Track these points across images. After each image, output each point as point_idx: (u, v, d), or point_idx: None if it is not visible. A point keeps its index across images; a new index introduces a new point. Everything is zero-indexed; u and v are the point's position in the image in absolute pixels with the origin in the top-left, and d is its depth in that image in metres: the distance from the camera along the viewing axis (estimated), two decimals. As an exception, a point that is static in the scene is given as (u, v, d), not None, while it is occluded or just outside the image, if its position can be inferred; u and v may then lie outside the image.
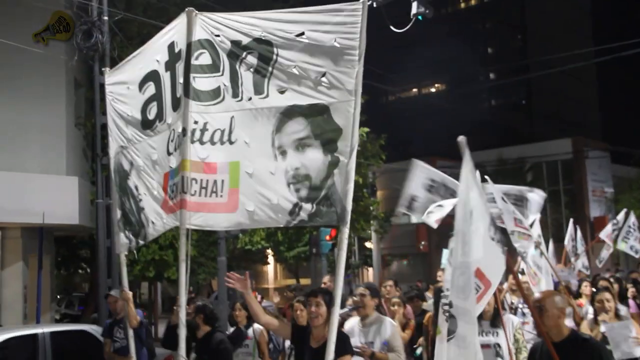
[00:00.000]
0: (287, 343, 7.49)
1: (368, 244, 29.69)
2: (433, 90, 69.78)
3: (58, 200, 13.49)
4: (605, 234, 14.56)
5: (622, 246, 15.02)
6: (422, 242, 35.91)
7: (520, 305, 8.83)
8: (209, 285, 25.47)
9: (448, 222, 10.13)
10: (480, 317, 6.36)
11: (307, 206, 4.21)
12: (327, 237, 18.02)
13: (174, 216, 4.80)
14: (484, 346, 6.22)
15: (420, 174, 8.95)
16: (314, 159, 4.15)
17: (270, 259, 32.90)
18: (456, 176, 9.80)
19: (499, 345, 6.28)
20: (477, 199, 4.08)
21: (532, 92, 63.18)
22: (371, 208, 20.38)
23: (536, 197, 9.95)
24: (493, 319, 6.32)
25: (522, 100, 65.64)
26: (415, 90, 69.81)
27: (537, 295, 4.89)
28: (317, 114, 4.14)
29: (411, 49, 57.50)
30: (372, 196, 22.25)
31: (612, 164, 42.11)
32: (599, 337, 6.27)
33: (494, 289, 4.08)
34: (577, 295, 10.00)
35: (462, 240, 3.95)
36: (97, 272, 12.60)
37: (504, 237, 4.04)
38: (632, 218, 15.18)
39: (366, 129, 18.04)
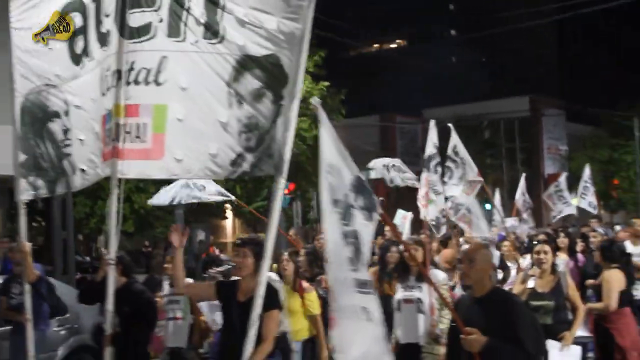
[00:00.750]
0: None
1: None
2: (394, 46, 69.59)
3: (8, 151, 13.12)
4: (546, 195, 14.83)
5: (581, 203, 15.33)
6: (381, 198, 36.15)
7: None
8: (165, 239, 25.33)
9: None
10: (407, 272, 6.56)
11: (250, 156, 4.07)
12: (285, 191, 18.03)
13: (108, 164, 4.46)
14: (407, 301, 6.44)
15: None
16: (265, 107, 4.02)
17: (229, 213, 32.88)
18: (415, 132, 9.90)
19: (421, 300, 6.37)
20: (338, 165, 3.89)
21: (492, 49, 63.47)
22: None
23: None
24: (418, 274, 6.38)
25: (482, 58, 65.95)
26: (376, 45, 69.52)
27: (467, 246, 4.85)
28: (269, 63, 3.99)
29: (373, 3, 57.08)
30: (331, 151, 22.28)
31: (567, 122, 42.86)
32: (525, 293, 6.38)
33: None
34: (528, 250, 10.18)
35: (343, 207, 3.82)
36: (51, 224, 12.42)
37: (369, 202, 3.82)
38: (587, 172, 15.46)
39: (326, 84, 17.95)
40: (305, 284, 6.73)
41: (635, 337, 6.97)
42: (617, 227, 11.60)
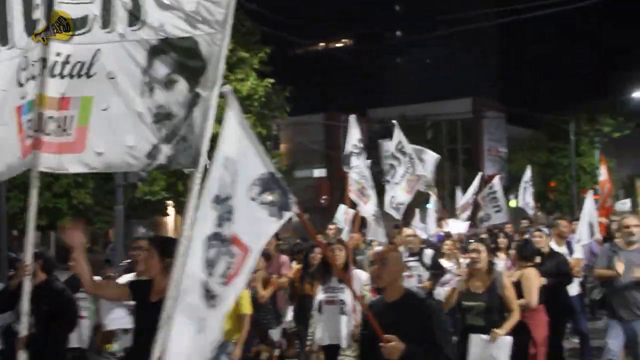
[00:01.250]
0: None
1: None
2: (340, 45, 69.86)
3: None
4: (480, 195, 15.02)
5: (520, 203, 15.72)
6: (324, 197, 36.31)
7: (405, 258, 8.84)
8: (105, 235, 24.85)
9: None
10: (329, 273, 6.50)
11: (166, 148, 3.86)
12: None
13: (30, 157, 4.24)
14: (329, 302, 6.40)
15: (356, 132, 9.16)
16: (179, 95, 3.81)
17: (171, 210, 32.44)
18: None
19: (343, 301, 6.32)
20: (244, 155, 3.60)
21: (435, 51, 64.35)
22: (274, 160, 20.33)
23: (430, 158, 10.45)
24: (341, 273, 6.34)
25: (426, 60, 66.81)
26: (322, 44, 69.66)
27: (379, 248, 4.91)
28: (185, 47, 3.82)
29: (320, 2, 57.19)
30: (275, 149, 22.21)
31: (507, 124, 43.79)
32: (454, 294, 6.44)
33: (255, 255, 3.59)
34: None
35: (224, 208, 3.48)
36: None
37: (282, 199, 3.62)
38: (528, 174, 15.89)
39: (271, 81, 17.86)
40: None
41: (546, 333, 7.27)
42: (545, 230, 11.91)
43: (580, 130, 36.36)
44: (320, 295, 6.56)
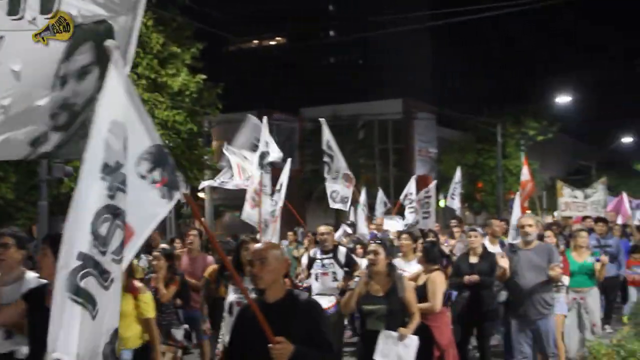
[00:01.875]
0: None
1: (201, 194, 29.36)
2: (273, 43, 69.67)
3: None
4: (417, 198, 15.19)
5: (449, 203, 16.07)
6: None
7: (319, 256, 8.83)
8: (28, 231, 23.97)
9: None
10: (241, 273, 6.12)
11: (56, 136, 3.54)
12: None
13: None
14: (240, 303, 5.91)
15: (251, 132, 9.09)
16: (88, 84, 3.52)
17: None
18: (292, 130, 9.99)
19: None
20: (131, 121, 3.13)
21: (368, 52, 64.95)
22: (205, 157, 20.08)
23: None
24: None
25: (359, 60, 67.35)
26: (256, 41, 69.30)
27: (258, 245, 4.34)
28: (101, 32, 3.52)
29: (254, 1, 56.89)
30: (206, 146, 21.93)
31: (437, 126, 44.57)
32: (353, 296, 6.23)
33: (139, 240, 3.19)
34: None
35: (114, 177, 3.04)
36: None
37: (171, 178, 3.20)
38: (458, 175, 16.24)
39: (203, 77, 17.61)
40: (138, 284, 6.12)
41: (451, 336, 7.38)
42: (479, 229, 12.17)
43: (506, 133, 37.35)
44: (231, 296, 6.32)
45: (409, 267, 8.10)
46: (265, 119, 9.41)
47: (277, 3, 55.77)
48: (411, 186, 14.84)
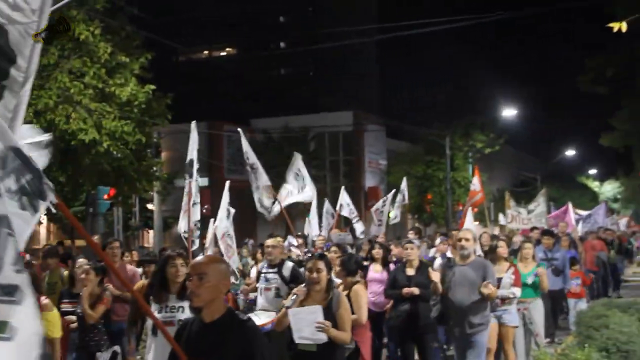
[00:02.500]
0: None
1: (150, 206, 28.98)
2: (224, 54, 69.43)
3: None
4: (374, 209, 15.39)
5: (396, 213, 16.27)
6: (205, 206, 35.79)
7: (265, 270, 8.53)
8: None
9: (237, 187, 10.22)
10: (165, 290, 5.61)
11: None
12: (105, 196, 17.21)
13: None
14: (166, 324, 5.31)
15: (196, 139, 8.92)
16: None
17: (43, 218, 30.91)
18: (239, 142, 9.96)
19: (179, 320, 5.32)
20: None
21: (318, 64, 65.29)
22: (154, 168, 19.80)
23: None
24: (179, 292, 5.52)
25: (309, 72, 67.64)
26: (206, 52, 68.95)
27: (198, 259, 3.96)
28: None
29: (204, 10, 56.57)
30: (156, 156, 21.67)
31: (387, 138, 45.02)
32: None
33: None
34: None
35: None
36: None
37: (34, 183, 2.73)
38: (404, 184, 16.41)
39: (152, 87, 17.38)
40: (44, 301, 5.66)
41: (370, 350, 7.34)
42: (438, 240, 12.26)
43: (455, 145, 37.96)
44: (155, 315, 5.52)
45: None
46: (193, 124, 9.06)
47: (228, 14, 55.58)
48: (344, 197, 14.85)
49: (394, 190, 14.51)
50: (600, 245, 17.79)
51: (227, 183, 9.96)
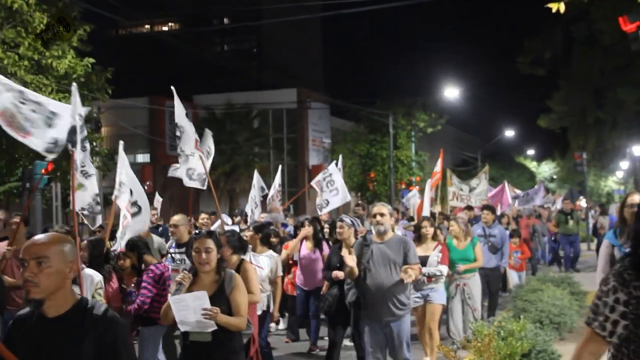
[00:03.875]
0: None
1: (89, 182, 28.38)
2: (166, 28, 68.13)
3: None
4: (315, 181, 15.32)
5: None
6: (147, 183, 35.29)
7: (173, 250, 8.11)
8: None
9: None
10: None
11: None
12: (43, 171, 16.74)
13: None
14: None
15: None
16: None
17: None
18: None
19: None
20: None
21: (262, 41, 64.78)
22: (94, 144, 19.35)
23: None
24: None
25: (253, 49, 67.04)
26: (147, 26, 67.53)
27: (35, 239, 3.04)
28: None
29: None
30: (96, 131, 21.16)
31: (331, 116, 45.11)
32: None
33: None
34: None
35: None
36: None
37: None
38: (340, 161, 16.28)
39: (91, 60, 16.93)
40: None
41: (256, 331, 6.83)
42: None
43: (398, 125, 38.30)
44: None
45: (260, 260, 7.87)
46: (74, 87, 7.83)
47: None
48: (276, 178, 14.73)
49: (334, 162, 14.39)
50: (535, 222, 18.57)
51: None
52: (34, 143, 6.86)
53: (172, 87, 9.19)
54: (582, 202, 32.54)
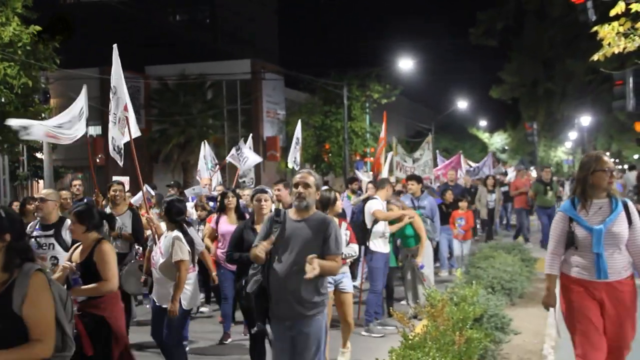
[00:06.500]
0: None
1: (39, 155, 27.71)
2: (116, -3, 66.49)
3: None
4: (230, 156, 15.15)
5: (289, 163, 16.19)
6: (100, 155, 34.67)
7: (37, 232, 6.90)
8: None
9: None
10: None
11: None
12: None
13: None
14: None
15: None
16: None
17: None
18: (137, 89, 9.46)
19: None
20: None
21: (216, 11, 63.79)
22: (43, 115, 18.84)
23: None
24: None
25: (206, 19, 65.99)
26: (96, -6, 65.82)
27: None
28: None
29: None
30: (44, 103, 20.60)
31: (285, 87, 44.86)
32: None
33: None
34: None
35: None
36: None
37: None
38: (298, 128, 16.24)
39: (38, 28, 16.41)
40: None
41: (123, 322, 5.66)
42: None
43: (352, 96, 38.30)
44: None
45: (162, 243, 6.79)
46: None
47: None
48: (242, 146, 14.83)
49: (243, 138, 14.63)
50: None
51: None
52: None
53: (114, 46, 8.63)
54: (533, 172, 33.20)
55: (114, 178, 10.76)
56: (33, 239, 6.70)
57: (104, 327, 5.28)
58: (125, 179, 12.33)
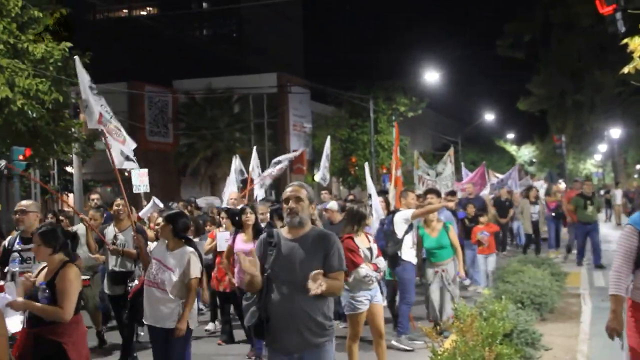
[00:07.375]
0: None
1: (69, 169, 28.09)
2: (144, 13, 67.42)
3: None
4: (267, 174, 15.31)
5: (318, 177, 16.20)
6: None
7: (17, 247, 6.63)
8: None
9: (160, 149, 9.84)
10: None
11: None
12: (21, 157, 16.53)
13: None
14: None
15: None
16: None
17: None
18: (165, 103, 9.53)
19: None
20: None
21: (242, 25, 64.35)
22: (73, 130, 19.13)
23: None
24: None
25: (233, 33, 66.59)
26: (125, 10, 66.78)
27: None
28: None
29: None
30: (74, 117, 20.92)
31: (311, 100, 45.02)
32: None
33: None
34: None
35: None
36: None
37: None
38: (327, 145, 16.23)
39: (68, 44, 16.69)
40: None
41: (84, 351, 5.25)
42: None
43: (378, 109, 38.28)
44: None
45: (169, 262, 6.22)
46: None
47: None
48: (254, 158, 14.92)
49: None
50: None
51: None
52: (124, 151, 7.87)
53: (76, 58, 8.38)
54: (562, 185, 32.79)
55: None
56: (16, 253, 6.43)
57: (61, 354, 4.92)
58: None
